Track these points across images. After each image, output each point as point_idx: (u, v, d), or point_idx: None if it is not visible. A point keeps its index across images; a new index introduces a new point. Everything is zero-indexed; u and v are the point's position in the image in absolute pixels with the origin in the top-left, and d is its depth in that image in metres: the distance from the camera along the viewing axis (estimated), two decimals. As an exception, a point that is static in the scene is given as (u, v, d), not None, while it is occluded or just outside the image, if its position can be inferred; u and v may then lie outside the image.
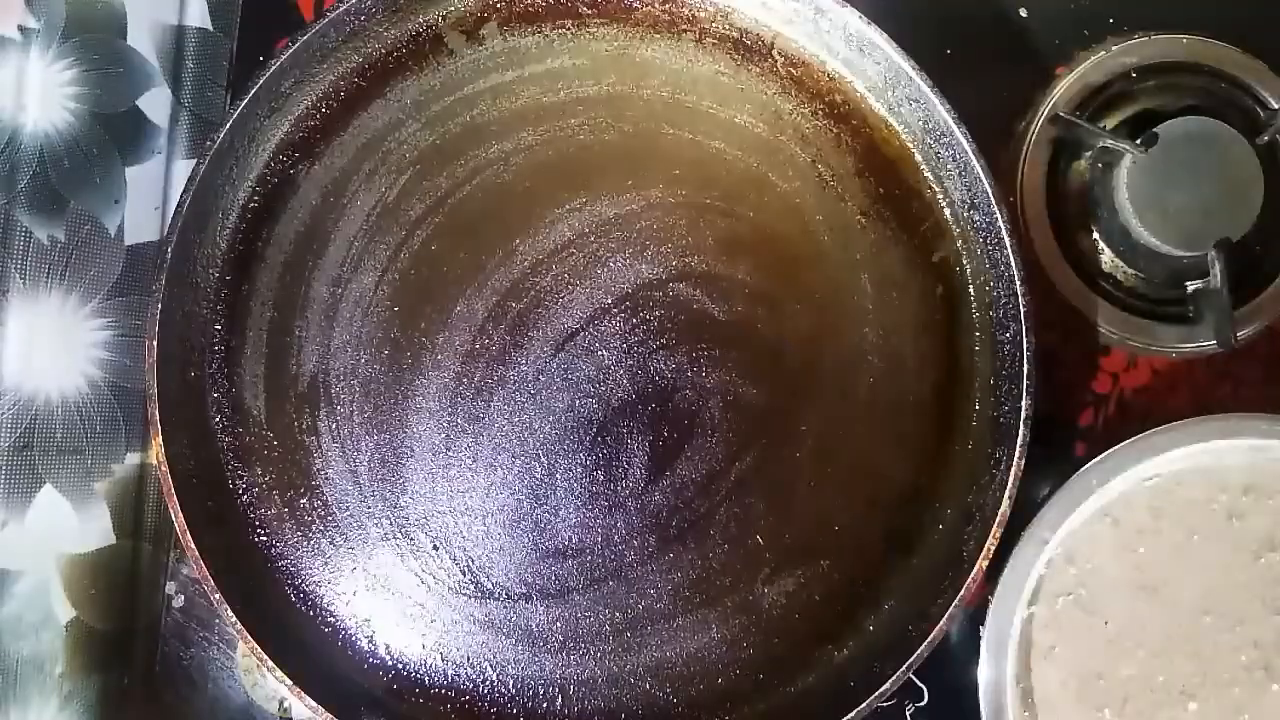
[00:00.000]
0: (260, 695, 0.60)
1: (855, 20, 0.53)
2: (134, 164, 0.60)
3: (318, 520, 0.55)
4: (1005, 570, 0.51)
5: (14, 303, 0.53)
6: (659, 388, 0.55)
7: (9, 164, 0.53)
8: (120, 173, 0.59)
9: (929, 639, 0.50)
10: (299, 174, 0.56)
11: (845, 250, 0.56)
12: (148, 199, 0.61)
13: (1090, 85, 0.59)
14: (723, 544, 0.55)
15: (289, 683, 0.51)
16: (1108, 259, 0.58)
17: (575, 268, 0.56)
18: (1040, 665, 0.52)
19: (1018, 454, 0.50)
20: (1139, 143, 0.55)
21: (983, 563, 0.50)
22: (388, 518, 0.55)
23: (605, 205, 0.56)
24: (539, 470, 0.55)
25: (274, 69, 0.54)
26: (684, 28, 0.57)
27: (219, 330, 0.56)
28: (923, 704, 0.58)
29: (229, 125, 0.53)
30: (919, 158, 0.55)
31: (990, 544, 0.50)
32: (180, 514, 0.51)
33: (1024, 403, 0.51)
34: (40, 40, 0.54)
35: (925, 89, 0.52)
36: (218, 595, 0.51)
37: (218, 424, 0.55)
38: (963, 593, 0.50)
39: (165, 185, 0.62)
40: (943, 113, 0.52)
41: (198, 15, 0.63)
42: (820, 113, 0.56)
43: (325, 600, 0.55)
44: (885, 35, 0.52)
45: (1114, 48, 0.59)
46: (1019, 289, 0.52)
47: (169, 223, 0.53)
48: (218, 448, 0.55)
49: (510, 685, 0.54)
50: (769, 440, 0.55)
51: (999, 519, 0.50)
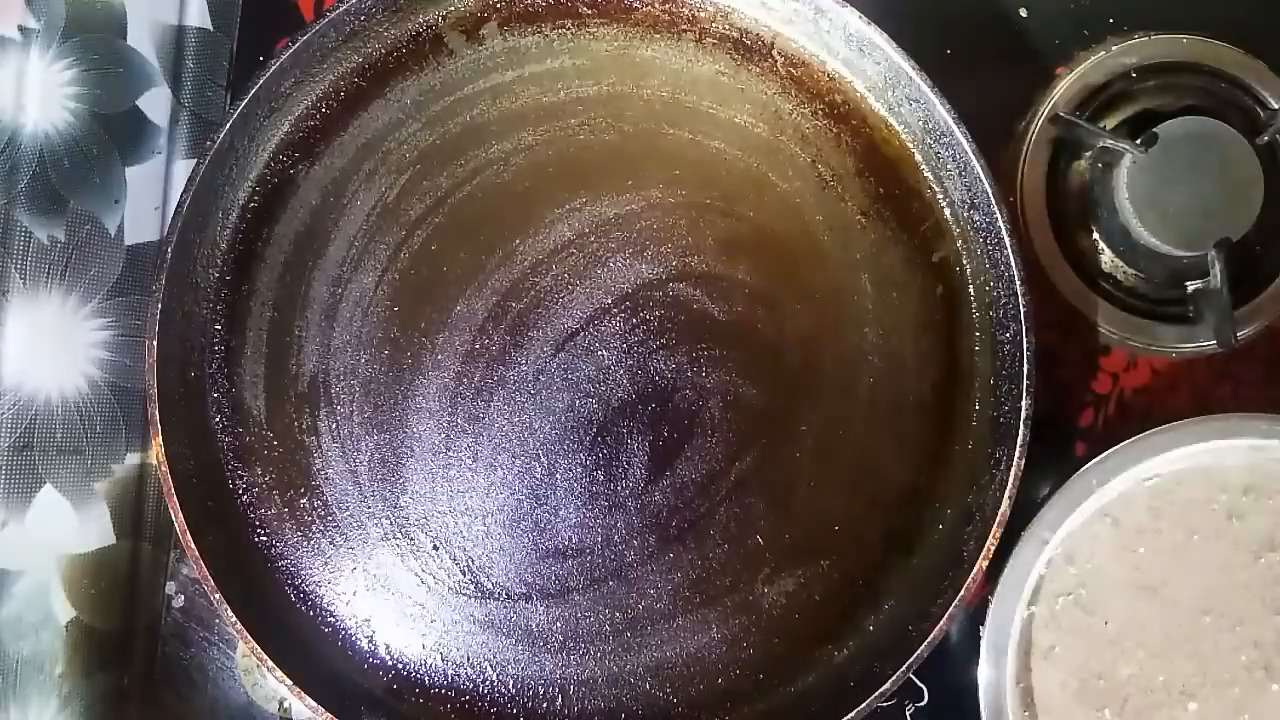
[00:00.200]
0: (260, 695, 0.60)
1: (855, 20, 0.53)
2: (134, 164, 0.60)
3: (318, 520, 0.55)
4: (1005, 570, 0.51)
5: (14, 303, 0.53)
6: (659, 388, 0.55)
7: (9, 164, 0.53)
8: (120, 173, 0.59)
9: (929, 639, 0.50)
10: (299, 174, 0.56)
11: (845, 250, 0.56)
12: (148, 199, 0.61)
13: (1090, 85, 0.59)
14: (723, 544, 0.55)
15: (289, 683, 0.51)
16: (1108, 259, 0.58)
17: (575, 268, 0.56)
18: (1040, 665, 0.52)
19: (1018, 454, 0.50)
20: (1139, 143, 0.55)
21: (983, 563, 0.50)
22: (388, 518, 0.55)
23: (605, 205, 0.56)
24: (539, 470, 0.55)
25: (274, 69, 0.54)
26: (684, 28, 0.57)
27: (219, 330, 0.56)
28: (923, 704, 0.58)
29: (229, 125, 0.53)
30: (919, 158, 0.55)
31: (990, 544, 0.50)
32: (180, 514, 0.51)
33: (1024, 403, 0.51)
34: (40, 40, 0.54)
35: (925, 89, 0.52)
36: (218, 595, 0.51)
37: (218, 424, 0.55)
38: (963, 593, 0.50)
39: (165, 185, 0.62)
40: (943, 113, 0.52)
41: (198, 15, 0.63)
42: (820, 113, 0.56)
43: (325, 600, 0.55)
44: (885, 35, 0.52)
45: (1114, 48, 0.59)
46: (1019, 289, 0.52)
47: (169, 223, 0.53)
48: (218, 448, 0.55)
49: (510, 685, 0.54)
50: (769, 440, 0.55)
51: (999, 519, 0.50)
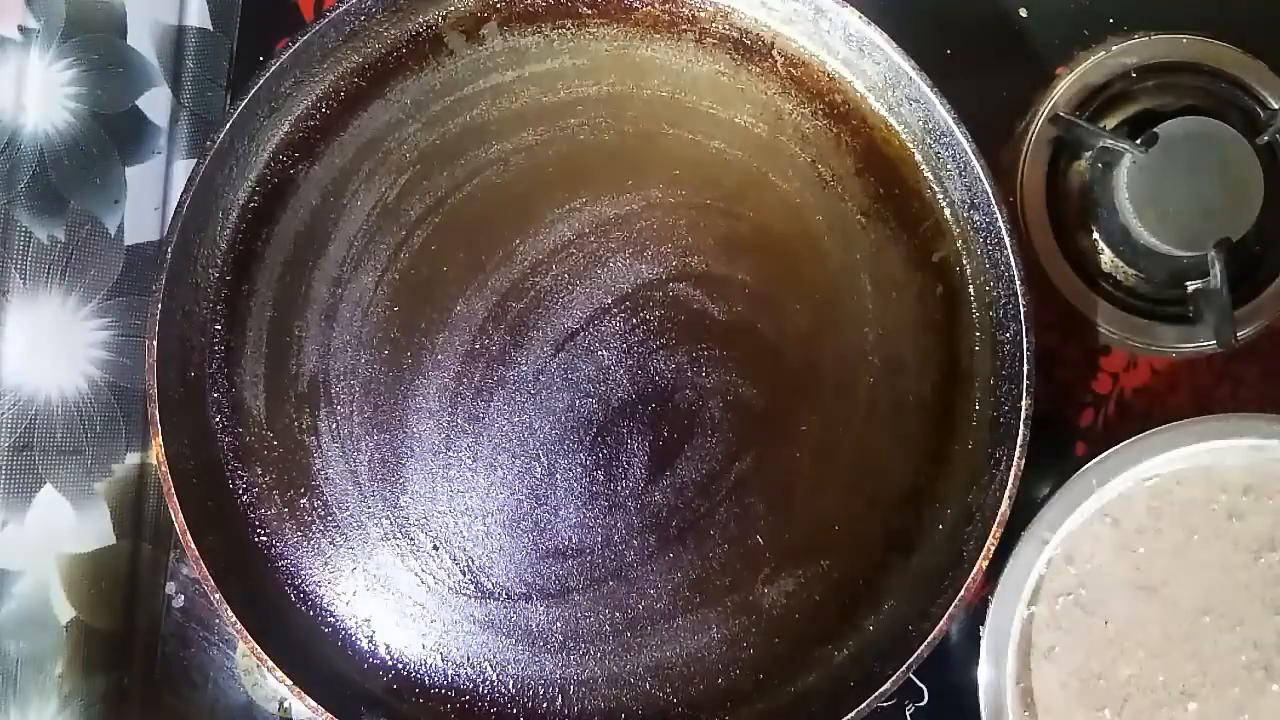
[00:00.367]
0: (260, 695, 0.60)
1: (855, 20, 0.53)
2: (134, 164, 0.60)
3: (318, 520, 0.55)
4: (1005, 570, 0.51)
5: (14, 303, 0.53)
6: (659, 388, 0.55)
7: (9, 164, 0.53)
8: (120, 173, 0.59)
9: (929, 639, 0.50)
10: (299, 174, 0.56)
11: (845, 250, 0.56)
12: (148, 199, 0.61)
13: (1090, 85, 0.59)
14: (723, 544, 0.55)
15: (289, 683, 0.51)
16: (1108, 259, 0.58)
17: (575, 268, 0.56)
18: (1040, 665, 0.52)
19: (1018, 454, 0.50)
20: (1139, 143, 0.55)
21: (983, 563, 0.50)
22: (388, 518, 0.55)
23: (605, 205, 0.56)
24: (539, 470, 0.55)
25: (274, 69, 0.54)
26: (684, 28, 0.57)
27: (219, 330, 0.56)
28: (923, 704, 0.58)
29: (229, 125, 0.53)
30: (919, 158, 0.55)
31: (990, 544, 0.50)
32: (180, 514, 0.51)
33: (1024, 403, 0.51)
34: (40, 40, 0.54)
35: (925, 89, 0.52)
36: (218, 595, 0.51)
37: (218, 424, 0.55)
38: (963, 593, 0.50)
39: (165, 185, 0.62)
40: (943, 113, 0.52)
41: (198, 15, 0.63)
42: (820, 113, 0.56)
43: (325, 600, 0.55)
44: (885, 35, 0.52)
45: (1114, 48, 0.59)
46: (1019, 289, 0.52)
47: (169, 223, 0.53)
48: (218, 448, 0.55)
49: (510, 685, 0.54)
50: (769, 440, 0.55)
51: (999, 519, 0.50)
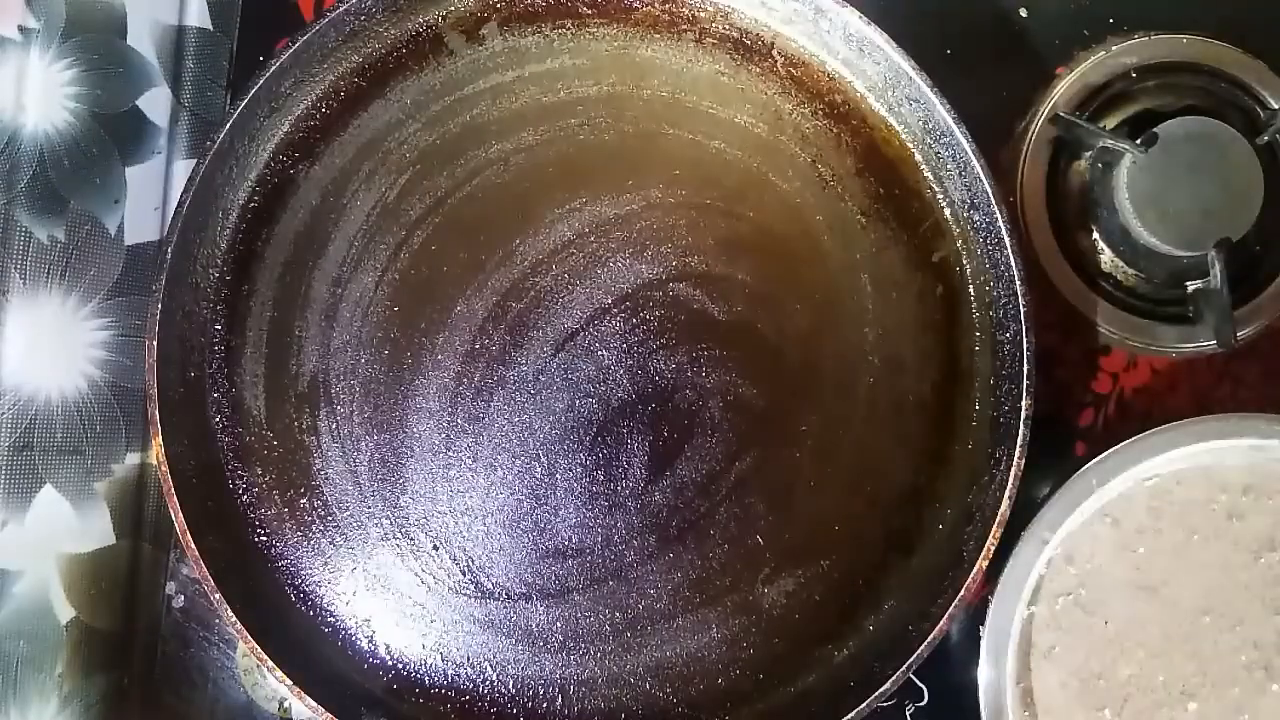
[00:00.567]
0: (260, 695, 0.60)
1: (855, 20, 0.53)
2: (134, 164, 0.60)
3: (318, 520, 0.55)
4: (1005, 570, 0.51)
5: (14, 303, 0.53)
6: (659, 388, 0.55)
7: (9, 164, 0.53)
8: (120, 173, 0.59)
9: (929, 639, 0.50)
10: (299, 174, 0.56)
11: (845, 250, 0.56)
12: (148, 199, 0.61)
13: (1090, 85, 0.59)
14: (723, 544, 0.55)
15: (289, 683, 0.51)
16: (1108, 259, 0.58)
17: (575, 268, 0.56)
18: (1040, 665, 0.52)
19: (1018, 454, 0.50)
20: (1139, 143, 0.55)
21: (983, 563, 0.50)
22: (388, 518, 0.55)
23: (605, 205, 0.56)
24: (539, 470, 0.55)
25: (274, 69, 0.54)
26: (684, 28, 0.57)
27: (219, 330, 0.56)
28: (923, 704, 0.58)
29: (229, 125, 0.53)
30: (919, 158, 0.55)
31: (990, 544, 0.50)
32: (180, 514, 0.51)
33: (1024, 403, 0.51)
34: (40, 40, 0.54)
35: (925, 89, 0.52)
36: (218, 595, 0.51)
37: (218, 424, 0.55)
38: (963, 593, 0.50)
39: (165, 185, 0.62)
40: (943, 113, 0.52)
41: (198, 15, 0.63)
42: (820, 113, 0.56)
43: (325, 600, 0.55)
44: (885, 35, 0.52)
45: (1114, 48, 0.59)
46: (1019, 289, 0.52)
47: (169, 223, 0.53)
48: (218, 448, 0.55)
49: (510, 685, 0.54)
50: (769, 440, 0.55)
51: (999, 519, 0.50)
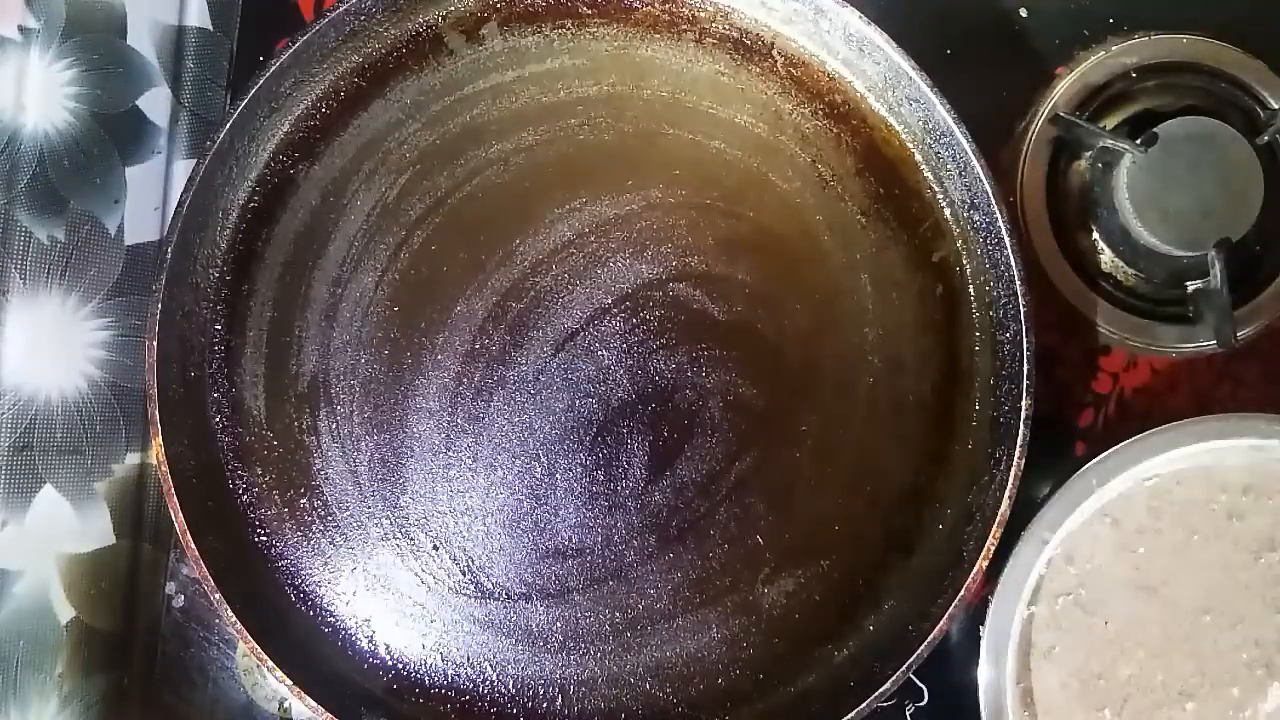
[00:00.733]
0: (260, 695, 0.60)
1: (855, 20, 0.53)
2: (134, 164, 0.60)
3: (318, 520, 0.55)
4: (1005, 570, 0.51)
5: (14, 303, 0.53)
6: (659, 388, 0.55)
7: (9, 164, 0.53)
8: (120, 173, 0.59)
9: (929, 639, 0.50)
10: (299, 174, 0.56)
11: (845, 250, 0.56)
12: (148, 199, 0.61)
13: (1090, 85, 0.59)
14: (723, 544, 0.54)
15: (289, 683, 0.51)
16: (1108, 259, 0.58)
17: (575, 268, 0.56)
18: (1040, 666, 0.52)
19: (1018, 454, 0.50)
20: (1139, 143, 0.55)
21: (983, 563, 0.50)
22: (388, 518, 0.55)
23: (605, 205, 0.56)
24: (539, 470, 0.55)
25: (274, 69, 0.54)
26: (684, 28, 0.57)
27: (219, 330, 0.56)
28: (923, 704, 0.58)
29: (229, 125, 0.53)
30: (919, 158, 0.55)
31: (990, 544, 0.50)
32: (180, 514, 0.51)
33: (1024, 403, 0.51)
34: (40, 40, 0.54)
35: (925, 89, 0.52)
36: (218, 595, 0.51)
37: (218, 424, 0.55)
38: (963, 593, 0.50)
39: (165, 185, 0.62)
40: (943, 113, 0.52)
41: (198, 15, 0.63)
42: (820, 113, 0.56)
43: (325, 600, 0.55)
44: (885, 35, 0.52)
45: (1114, 48, 0.59)
46: (1019, 289, 0.52)
47: (169, 223, 0.53)
48: (218, 448, 0.55)
49: (510, 685, 0.54)
50: (769, 440, 0.55)
51: (999, 519, 0.50)
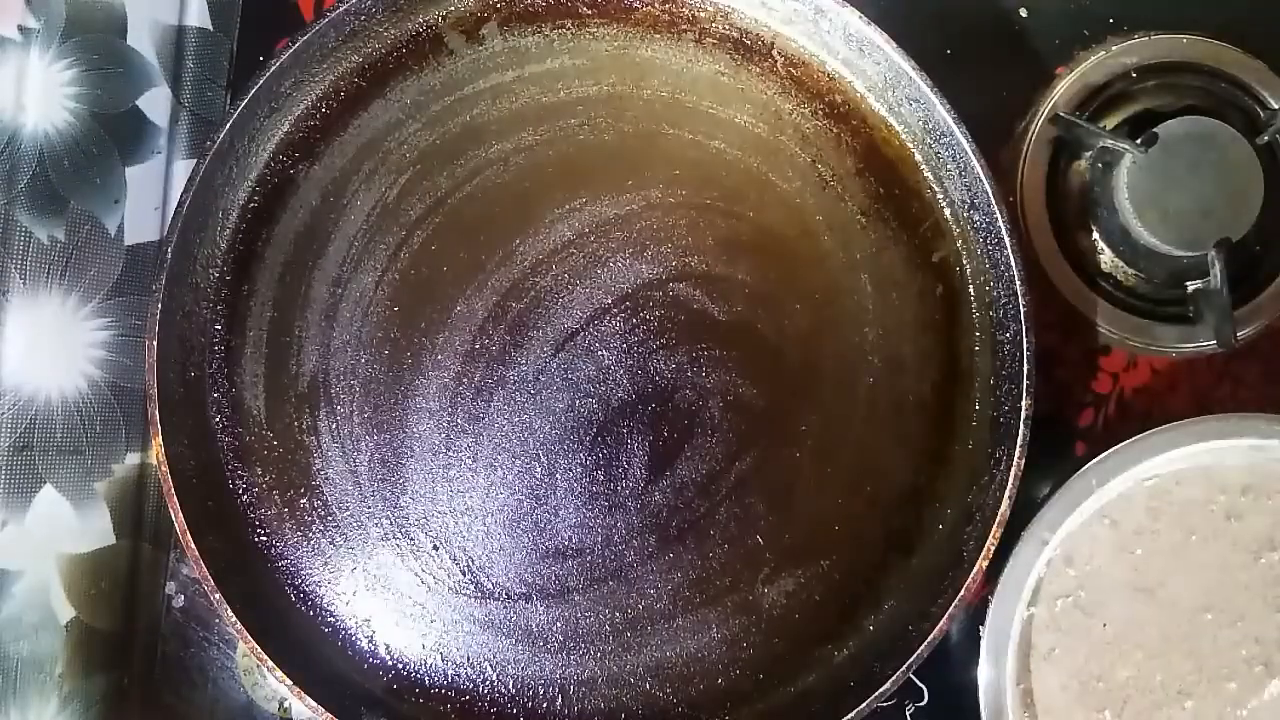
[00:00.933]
0: (260, 695, 0.60)
1: (855, 20, 0.53)
2: (134, 164, 0.60)
3: (318, 520, 0.55)
4: (1005, 570, 0.51)
5: (14, 303, 0.53)
6: (659, 388, 0.55)
7: (9, 164, 0.53)
8: (120, 173, 0.59)
9: (929, 639, 0.50)
10: (299, 174, 0.56)
11: (845, 250, 0.56)
12: (148, 199, 0.61)
13: (1090, 85, 0.59)
14: (723, 544, 0.54)
15: (289, 683, 0.51)
16: (1108, 259, 0.58)
17: (575, 268, 0.56)
18: (1040, 667, 0.52)
19: (1018, 454, 0.50)
20: (1139, 143, 0.55)
21: (983, 563, 0.50)
22: (388, 518, 0.55)
23: (605, 205, 0.56)
24: (539, 470, 0.55)
25: (274, 69, 0.54)
26: (684, 28, 0.57)
27: (219, 330, 0.56)
28: (923, 704, 0.58)
29: (229, 125, 0.53)
30: (919, 158, 0.55)
31: (990, 544, 0.50)
32: (180, 514, 0.51)
33: (1024, 403, 0.51)
34: (40, 40, 0.54)
35: (925, 89, 0.52)
36: (218, 595, 0.51)
37: (218, 424, 0.55)
38: (963, 593, 0.50)
39: (165, 185, 0.62)
40: (943, 113, 0.52)
41: (198, 15, 0.63)
42: (820, 113, 0.56)
43: (325, 600, 0.55)
44: (885, 35, 0.52)
45: (1114, 48, 0.59)
46: (1019, 289, 0.52)
47: (169, 223, 0.53)
48: (218, 448, 0.55)
49: (510, 685, 0.54)
50: (769, 440, 0.55)
51: (999, 519, 0.50)
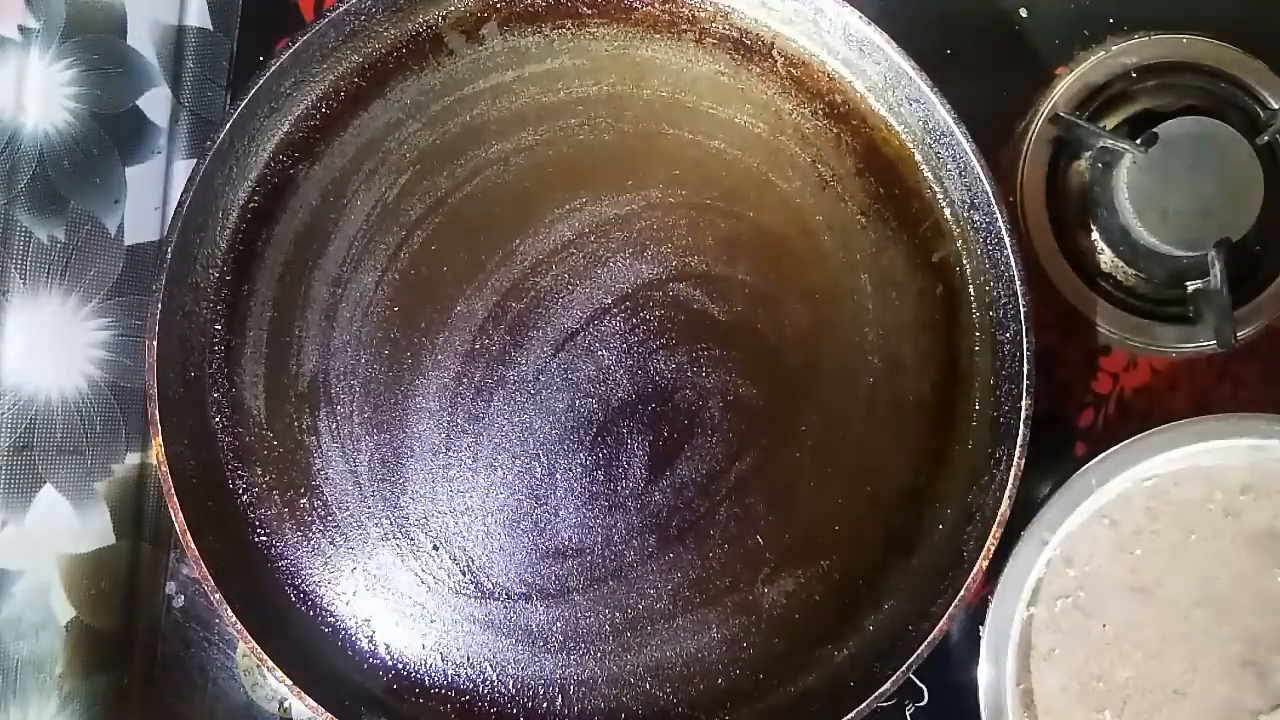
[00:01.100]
0: (260, 695, 0.60)
1: (855, 20, 0.53)
2: (134, 164, 0.60)
3: (318, 520, 0.55)
4: (1005, 570, 0.51)
5: (14, 303, 0.53)
6: (659, 388, 0.55)
7: (9, 164, 0.53)
8: (120, 173, 0.59)
9: (929, 639, 0.50)
10: (299, 174, 0.56)
11: (845, 250, 0.56)
12: (148, 199, 0.61)
13: (1090, 85, 0.59)
14: (723, 544, 0.55)
15: (289, 683, 0.51)
16: (1108, 259, 0.58)
17: (575, 268, 0.56)
18: (1040, 667, 0.52)
19: (1018, 454, 0.50)
20: (1139, 143, 0.55)
21: (983, 563, 0.50)
22: (388, 518, 0.55)
23: (605, 205, 0.56)
24: (539, 470, 0.55)
25: (274, 69, 0.54)
26: (684, 28, 0.57)
27: (219, 330, 0.56)
28: (923, 704, 0.58)
29: (229, 125, 0.53)
30: (919, 158, 0.55)
31: (990, 544, 0.50)
32: (180, 514, 0.51)
33: (1024, 403, 0.51)
34: (40, 40, 0.54)
35: (925, 89, 0.52)
36: (218, 595, 0.51)
37: (218, 424, 0.55)
38: (963, 593, 0.50)
39: (165, 185, 0.62)
40: (943, 113, 0.52)
41: (198, 15, 0.63)
42: (820, 113, 0.56)
43: (325, 600, 0.55)
44: (885, 35, 0.52)
45: (1114, 48, 0.59)
46: (1019, 289, 0.52)
47: (169, 223, 0.53)
48: (218, 448, 0.55)
49: (510, 685, 0.54)
50: (769, 440, 0.55)
51: (999, 519, 0.50)
